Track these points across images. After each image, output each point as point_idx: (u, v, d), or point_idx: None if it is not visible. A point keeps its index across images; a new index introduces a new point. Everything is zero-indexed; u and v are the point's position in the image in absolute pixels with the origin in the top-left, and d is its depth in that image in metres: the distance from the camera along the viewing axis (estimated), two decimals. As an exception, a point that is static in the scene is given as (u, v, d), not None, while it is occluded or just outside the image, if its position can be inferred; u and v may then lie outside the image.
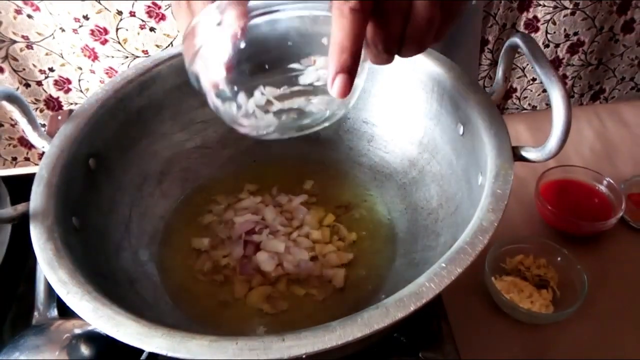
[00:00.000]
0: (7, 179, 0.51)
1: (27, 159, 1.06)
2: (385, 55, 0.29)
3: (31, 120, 0.40)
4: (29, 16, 0.80)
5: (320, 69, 0.30)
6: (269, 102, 0.32)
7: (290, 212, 0.49)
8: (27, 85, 0.91)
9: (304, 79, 0.31)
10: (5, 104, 0.38)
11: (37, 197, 0.36)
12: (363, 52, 0.29)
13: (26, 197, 0.36)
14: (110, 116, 0.43)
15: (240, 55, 0.30)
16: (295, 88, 0.31)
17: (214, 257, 0.46)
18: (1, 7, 0.79)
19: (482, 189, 0.35)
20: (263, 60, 0.31)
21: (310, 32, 0.30)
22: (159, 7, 0.71)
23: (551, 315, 0.46)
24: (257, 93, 0.31)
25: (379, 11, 0.27)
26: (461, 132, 0.42)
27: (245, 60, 0.30)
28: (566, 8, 1.05)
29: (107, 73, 0.80)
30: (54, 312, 0.43)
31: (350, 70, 0.27)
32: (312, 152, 0.53)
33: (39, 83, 0.91)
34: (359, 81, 0.32)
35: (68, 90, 0.92)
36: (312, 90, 0.31)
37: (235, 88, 0.31)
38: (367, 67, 0.32)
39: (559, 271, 0.48)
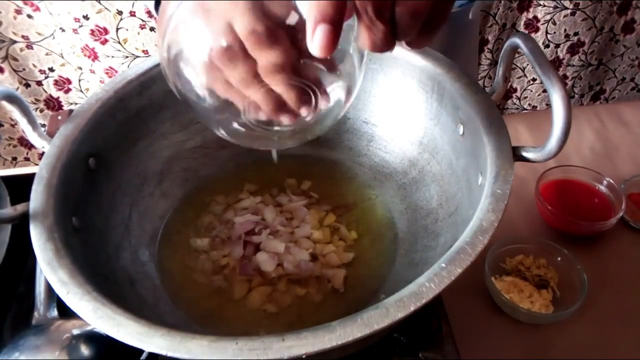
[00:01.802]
0: (7, 179, 0.51)
1: (27, 159, 1.06)
2: (379, 25, 0.25)
3: (31, 121, 0.40)
4: (29, 16, 0.80)
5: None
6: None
7: (290, 212, 0.49)
8: (27, 85, 0.91)
9: None
10: (5, 104, 0.38)
11: (37, 197, 0.36)
12: (357, 33, 0.26)
13: (26, 197, 0.36)
14: (110, 116, 0.43)
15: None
16: None
17: (213, 257, 0.46)
18: (1, 7, 0.79)
19: (482, 189, 0.35)
20: None
21: None
22: (159, 7, 0.71)
23: (551, 315, 0.46)
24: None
25: None
26: (461, 132, 0.42)
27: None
28: (566, 8, 1.05)
29: (107, 73, 0.80)
30: (54, 312, 0.43)
31: (332, 20, 0.23)
32: (312, 152, 0.53)
33: (39, 83, 0.91)
34: (356, 74, 0.31)
35: (68, 90, 0.92)
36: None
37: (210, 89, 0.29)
38: (365, 59, 0.30)
39: (559, 271, 0.48)
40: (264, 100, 0.29)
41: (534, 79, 1.19)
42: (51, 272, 0.32)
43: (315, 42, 0.23)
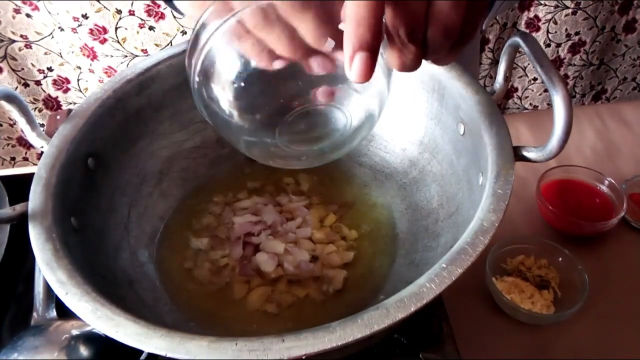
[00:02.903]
0: (5, 179, 0.51)
1: (25, 159, 1.06)
2: (411, 47, 0.25)
3: (30, 120, 0.39)
4: (28, 15, 0.80)
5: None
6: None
7: (290, 212, 0.48)
8: (26, 85, 0.90)
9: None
10: (3, 103, 0.38)
11: (36, 197, 0.35)
12: (384, 53, 0.26)
13: (25, 198, 0.36)
14: (109, 116, 0.43)
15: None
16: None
17: (213, 257, 0.45)
18: (0, 7, 0.79)
19: (483, 189, 0.35)
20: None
21: None
22: (158, 6, 0.71)
23: (552, 316, 0.46)
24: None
25: None
26: (462, 131, 0.42)
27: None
28: (567, 8, 1.05)
29: (106, 72, 0.80)
30: (53, 313, 0.42)
31: (370, 48, 0.23)
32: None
33: (38, 83, 0.90)
34: (384, 92, 0.31)
35: (67, 90, 0.91)
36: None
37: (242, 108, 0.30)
38: (392, 78, 0.30)
39: (560, 271, 0.48)
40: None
41: (535, 79, 1.19)
42: (50, 272, 0.31)
43: (354, 69, 0.24)
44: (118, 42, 0.74)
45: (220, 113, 0.30)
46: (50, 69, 0.88)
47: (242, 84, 0.29)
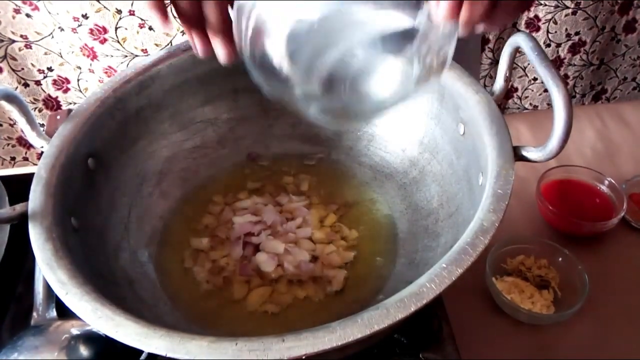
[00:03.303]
0: (5, 179, 0.51)
1: (25, 159, 1.06)
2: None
3: (30, 120, 0.40)
4: (28, 15, 0.80)
5: None
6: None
7: (290, 212, 0.48)
8: (26, 85, 0.90)
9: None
10: (4, 103, 0.38)
11: (36, 197, 0.35)
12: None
13: (25, 198, 0.36)
14: (109, 116, 0.43)
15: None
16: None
17: (213, 257, 0.45)
18: (0, 7, 0.79)
19: (483, 189, 0.35)
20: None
21: None
22: (159, 6, 0.71)
23: (552, 316, 0.46)
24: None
25: None
26: (462, 131, 0.42)
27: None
28: (567, 7, 1.05)
29: (106, 72, 0.80)
30: (53, 313, 0.42)
31: None
32: (313, 152, 0.53)
33: (38, 83, 0.90)
34: (448, 50, 0.30)
35: (67, 90, 0.91)
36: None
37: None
38: (454, 41, 0.29)
39: (560, 271, 0.48)
40: None
41: (535, 79, 1.19)
42: (50, 272, 0.31)
43: (442, 6, 0.23)
44: (118, 42, 0.74)
45: (282, 76, 0.30)
46: (50, 69, 0.88)
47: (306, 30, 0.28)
